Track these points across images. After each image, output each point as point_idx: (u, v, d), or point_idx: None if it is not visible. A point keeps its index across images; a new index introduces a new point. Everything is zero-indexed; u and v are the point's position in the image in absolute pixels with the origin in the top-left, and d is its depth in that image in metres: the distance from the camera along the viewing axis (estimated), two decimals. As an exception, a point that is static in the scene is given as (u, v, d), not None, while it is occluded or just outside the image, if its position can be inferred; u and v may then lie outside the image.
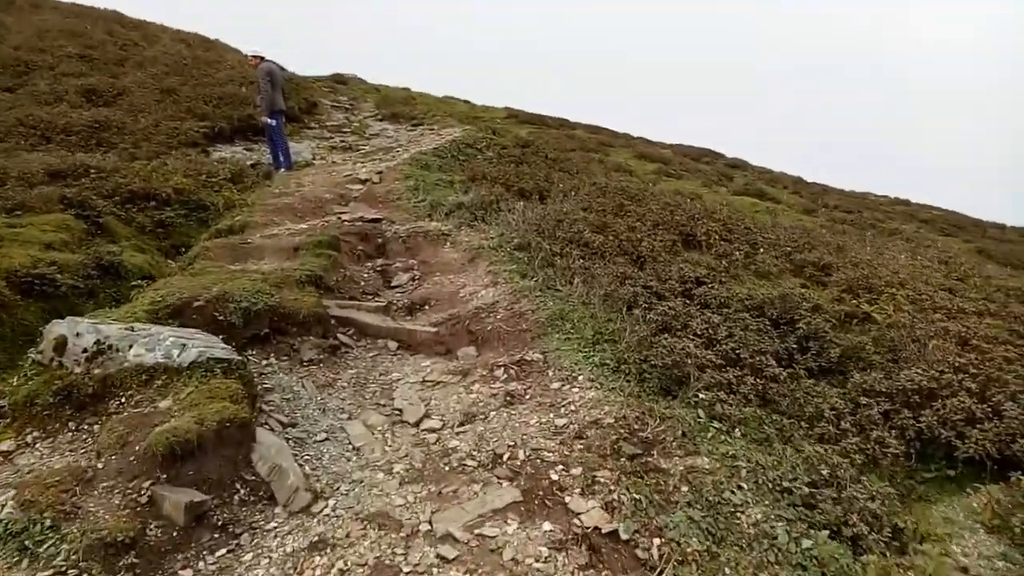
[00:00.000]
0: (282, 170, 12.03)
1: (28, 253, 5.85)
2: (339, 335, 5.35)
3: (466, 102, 30.50)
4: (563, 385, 4.19)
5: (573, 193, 9.71)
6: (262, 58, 12.34)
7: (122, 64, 15.93)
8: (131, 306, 4.81)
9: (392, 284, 6.86)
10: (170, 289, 5.03)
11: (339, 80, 26.58)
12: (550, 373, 4.36)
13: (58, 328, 4.36)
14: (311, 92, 18.68)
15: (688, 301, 5.68)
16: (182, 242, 8.19)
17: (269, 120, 11.75)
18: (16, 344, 5.20)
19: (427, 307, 6.16)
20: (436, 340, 5.39)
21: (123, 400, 4.02)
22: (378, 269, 7.14)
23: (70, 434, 4.07)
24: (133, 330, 4.24)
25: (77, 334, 4.28)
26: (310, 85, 20.52)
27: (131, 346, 4.13)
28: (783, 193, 20.98)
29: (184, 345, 4.08)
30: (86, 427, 4.07)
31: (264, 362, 4.84)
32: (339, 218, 8.17)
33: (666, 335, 4.74)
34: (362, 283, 6.58)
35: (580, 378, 4.22)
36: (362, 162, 12.48)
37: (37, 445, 4.05)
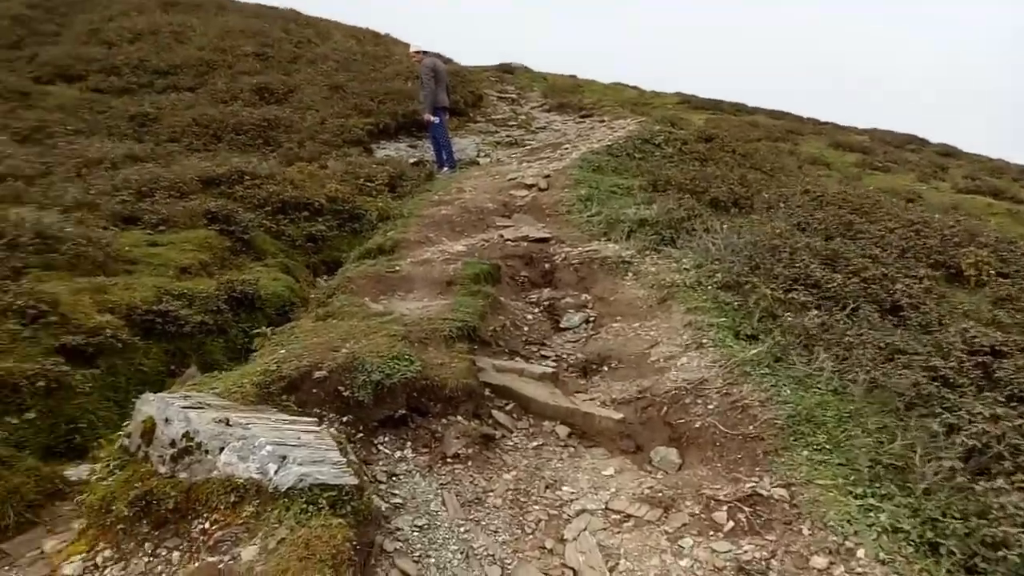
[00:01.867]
0: (445, 170, 11.06)
1: (156, 284, 5.05)
2: (495, 413, 4.05)
3: (635, 88, 28.52)
4: (831, 563, 2.60)
5: (781, 204, 7.84)
6: (425, 52, 11.41)
7: (295, 61, 15.74)
8: (241, 374, 3.77)
9: (561, 326, 5.48)
10: (289, 352, 3.95)
11: (506, 70, 25.59)
12: (805, 531, 2.78)
13: (147, 408, 3.38)
14: (477, 84, 17.72)
15: (991, 389, 3.82)
16: (332, 257, 7.31)
17: (432, 118, 10.79)
18: (129, 396, 4.36)
19: (606, 368, 4.72)
20: (621, 431, 3.94)
21: (206, 525, 2.94)
22: (544, 305, 5.79)
23: (145, 559, 3.05)
24: (228, 424, 3.16)
25: (166, 420, 3.27)
26: (476, 76, 19.60)
27: (222, 449, 3.05)
28: (1018, 187, 17.37)
29: (284, 458, 2.93)
30: (164, 552, 3.03)
31: (397, 454, 3.63)
32: (501, 236, 6.90)
33: (982, 479, 2.97)
34: (525, 327, 5.24)
35: (860, 553, 2.61)
36: (528, 161, 11.21)
37: (107, 570, 3.09)
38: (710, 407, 3.84)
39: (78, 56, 13.72)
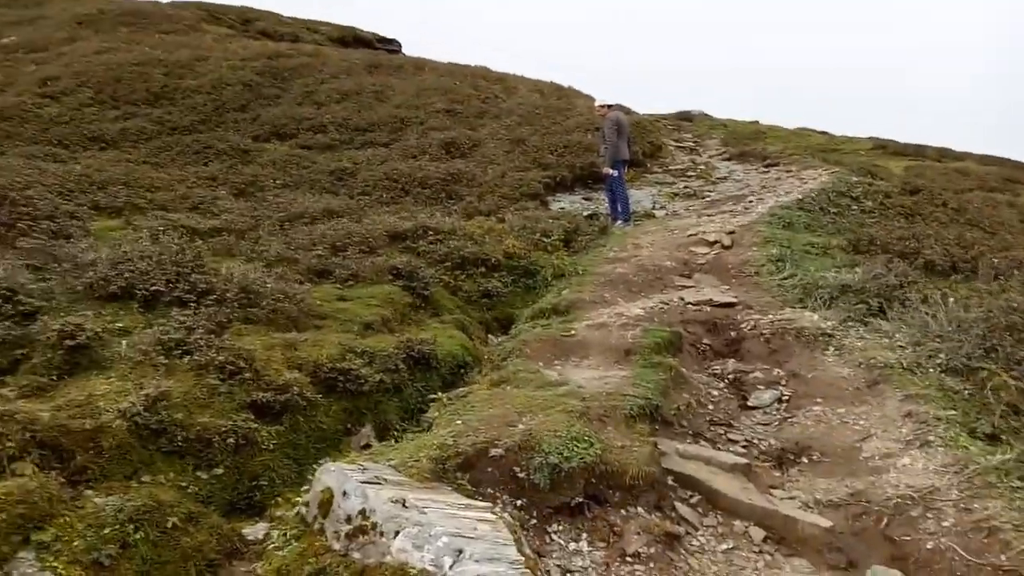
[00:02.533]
0: (619, 223, 10.78)
1: (340, 340, 5.17)
2: (679, 506, 3.63)
3: (823, 133, 26.70)
4: None
5: (1014, 271, 6.75)
6: (610, 106, 11.32)
7: (481, 116, 16.29)
8: (417, 446, 3.66)
9: (750, 404, 4.93)
10: (466, 424, 3.79)
11: (684, 117, 25.04)
12: None
13: (327, 478, 3.34)
14: (656, 134, 17.40)
15: None
16: (506, 314, 7.22)
17: (611, 171, 10.62)
18: (310, 453, 4.43)
19: (806, 461, 4.13)
20: (829, 542, 3.37)
21: (375, 618, 2.80)
22: (730, 378, 5.27)
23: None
24: (404, 506, 3.01)
25: (344, 493, 3.20)
26: (654, 126, 19.29)
27: (397, 533, 2.90)
28: None
29: (460, 552, 2.72)
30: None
31: (572, 546, 3.32)
32: (681, 299, 6.46)
33: None
34: (710, 405, 4.76)
35: None
36: (708, 215, 10.66)
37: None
38: (945, 524, 3.17)
39: (291, 116, 15.08)
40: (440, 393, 4.62)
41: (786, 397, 4.92)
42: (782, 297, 6.41)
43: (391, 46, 29.62)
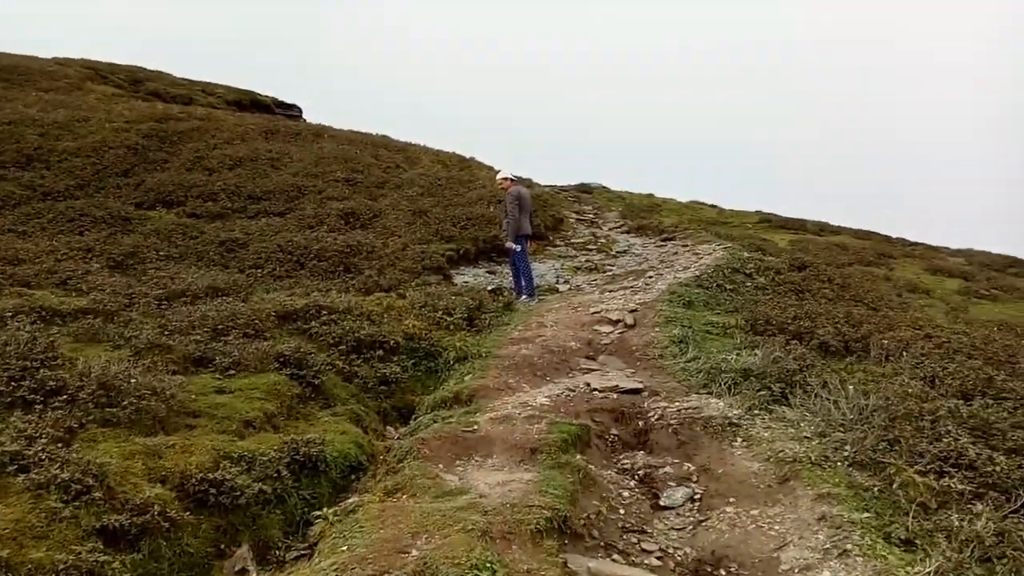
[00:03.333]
0: (524, 298, 10.61)
1: (214, 444, 4.56)
2: (592, 637, 3.25)
3: (712, 206, 28.00)
4: None
5: (903, 353, 6.92)
6: (512, 179, 11.28)
7: (382, 186, 15.98)
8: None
9: (662, 503, 4.66)
10: (352, 553, 3.30)
11: (583, 189, 25.68)
12: None
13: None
14: (557, 207, 17.62)
15: None
16: (405, 402, 6.75)
17: (514, 246, 10.52)
18: (171, 584, 3.79)
19: (723, 572, 3.86)
20: (755, 677, 3.07)
21: None
22: (640, 474, 4.99)
23: None
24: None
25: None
26: (555, 198, 19.58)
27: None
28: None
29: None
30: None
31: None
32: (587, 384, 6.22)
33: None
34: (621, 509, 4.45)
35: None
36: (610, 290, 10.65)
37: None
38: (874, 656, 2.94)
39: (180, 183, 14.25)
40: (325, 508, 4.08)
41: (698, 495, 4.68)
42: (687, 382, 6.27)
43: (291, 111, 29.12)
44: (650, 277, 11.20)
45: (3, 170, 13.32)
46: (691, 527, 4.35)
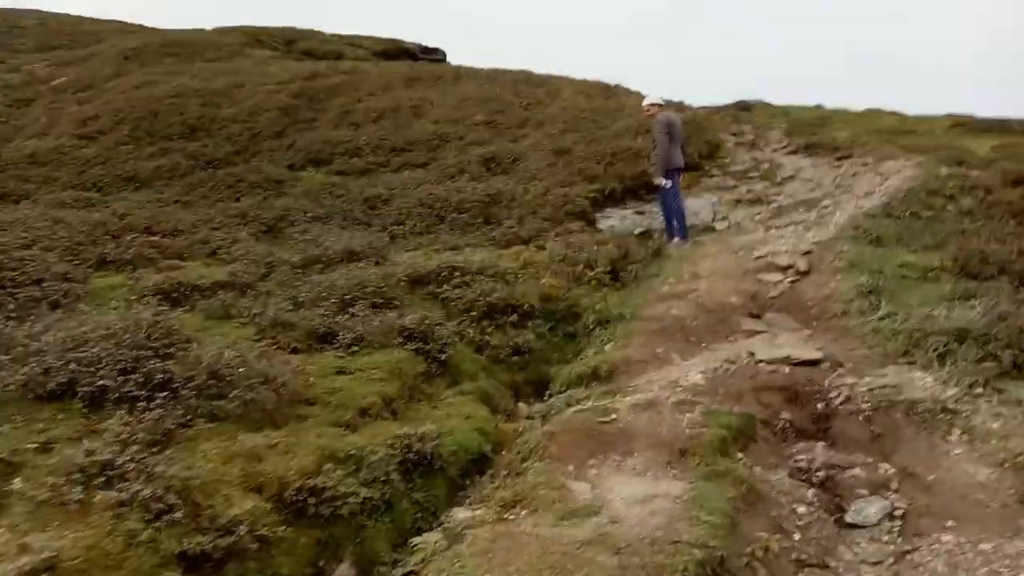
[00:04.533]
0: (676, 240, 9.45)
1: (321, 441, 4.10)
2: None
3: (893, 113, 24.27)
4: None
5: None
6: (660, 105, 9.99)
7: (523, 126, 15.10)
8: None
9: (849, 520, 3.61)
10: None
11: (743, 107, 23.13)
12: None
13: None
14: (712, 131, 15.82)
15: None
16: (540, 374, 6.04)
17: (665, 182, 9.33)
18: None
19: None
20: None
21: None
22: (820, 476, 3.94)
23: None
24: None
25: None
26: (710, 120, 17.64)
27: None
28: None
29: None
30: None
31: None
32: (751, 354, 5.12)
33: None
34: (795, 533, 3.46)
35: None
36: (777, 227, 9.20)
37: None
38: None
39: (327, 140, 14.25)
40: (428, 535, 3.47)
41: (899, 511, 3.57)
42: (880, 348, 5.00)
43: (435, 55, 28.75)
44: (825, 207, 9.57)
45: (170, 142, 13.94)
46: (891, 560, 3.28)
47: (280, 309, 5.96)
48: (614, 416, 4.32)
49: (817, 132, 17.71)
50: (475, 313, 6.40)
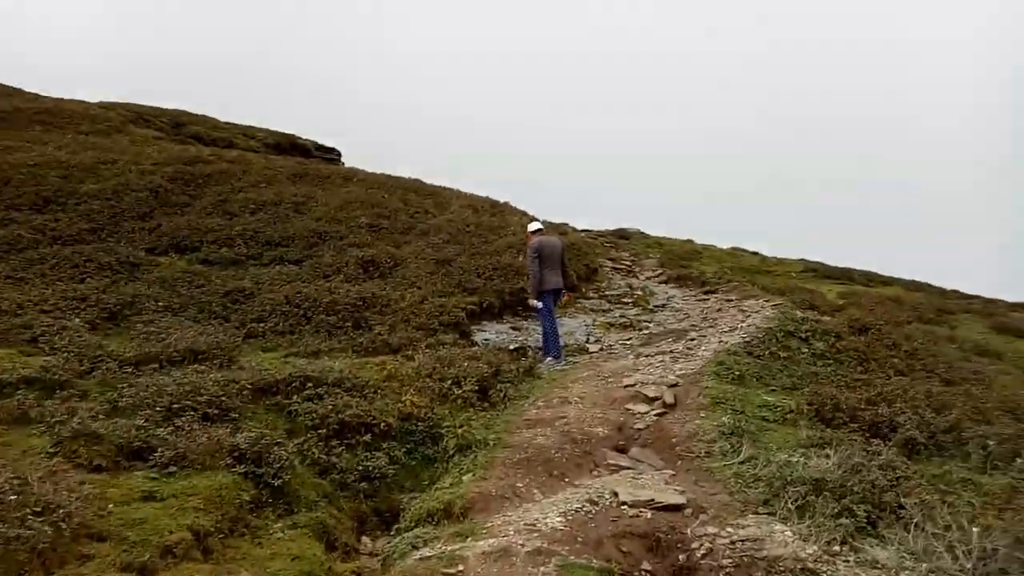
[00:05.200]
0: (549, 359, 9.28)
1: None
2: None
3: (755, 253, 26.20)
4: None
5: (1014, 457, 5.34)
6: (537, 231, 10.13)
7: (407, 232, 14.87)
8: None
9: None
10: None
11: (621, 235, 24.22)
12: None
13: None
14: (592, 256, 16.24)
15: None
16: (389, 505, 5.41)
17: (536, 303, 9.33)
18: None
19: None
20: None
21: None
22: (682, 642, 3.55)
23: None
24: None
25: None
26: (591, 245, 18.21)
27: None
28: None
29: None
30: None
31: None
32: (614, 494, 4.78)
33: None
34: None
35: None
36: (647, 354, 9.21)
37: None
38: None
39: (197, 227, 13.34)
40: None
41: None
42: (742, 494, 4.81)
43: (330, 155, 28.57)
44: (692, 339, 9.74)
45: (17, 212, 12.56)
46: None
47: (90, 416, 5.07)
48: (461, 568, 3.78)
49: (688, 265, 18.66)
50: (324, 431, 5.75)
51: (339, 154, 29.61)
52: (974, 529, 3.88)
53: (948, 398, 7.24)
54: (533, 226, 10.30)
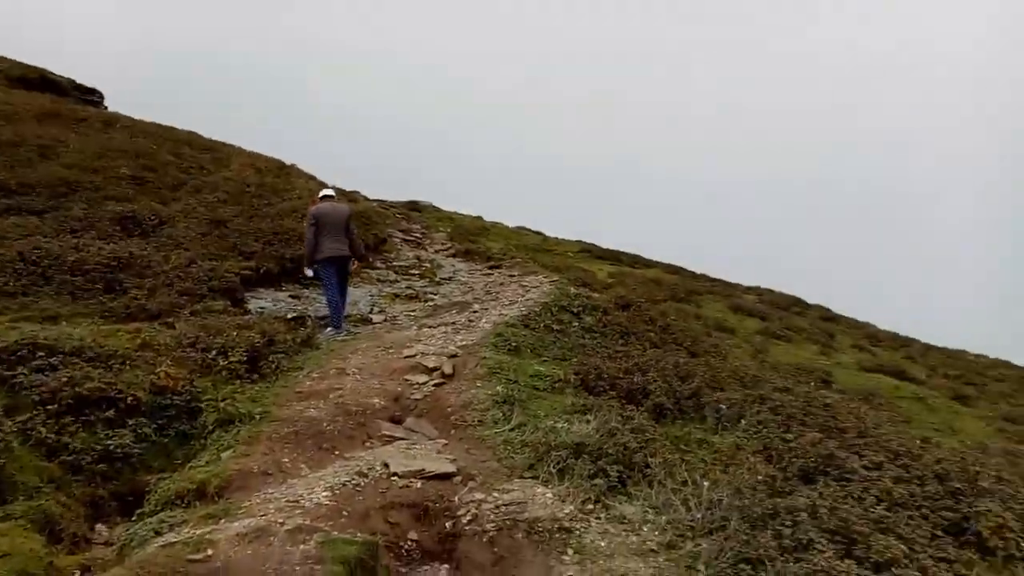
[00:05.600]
0: (329, 331, 8.90)
1: None
2: None
3: (538, 233, 27.59)
4: None
5: (739, 419, 6.09)
6: (326, 197, 9.66)
7: (178, 189, 13.43)
8: None
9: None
10: None
11: (414, 207, 24.09)
12: None
13: None
14: (381, 226, 15.88)
15: None
16: (132, 488, 4.79)
17: (308, 271, 9.00)
18: None
19: None
20: None
21: None
22: (443, 608, 3.55)
23: None
24: None
25: None
26: (383, 215, 17.82)
27: None
28: (910, 365, 16.80)
29: None
30: None
31: None
32: (385, 466, 4.67)
33: None
34: None
35: None
36: (430, 325, 9.19)
37: None
38: None
39: (-98, 165, 10.92)
40: None
41: (516, 646, 3.30)
42: (509, 460, 4.94)
43: (91, 96, 24.91)
44: (475, 311, 9.89)
45: None
46: None
47: None
48: (210, 553, 3.43)
49: (476, 240, 19.06)
50: (56, 407, 4.95)
51: (101, 96, 25.95)
52: (704, 483, 4.33)
53: (692, 368, 8.06)
54: (324, 192, 9.81)
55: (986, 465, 5.78)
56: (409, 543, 4.05)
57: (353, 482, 4.40)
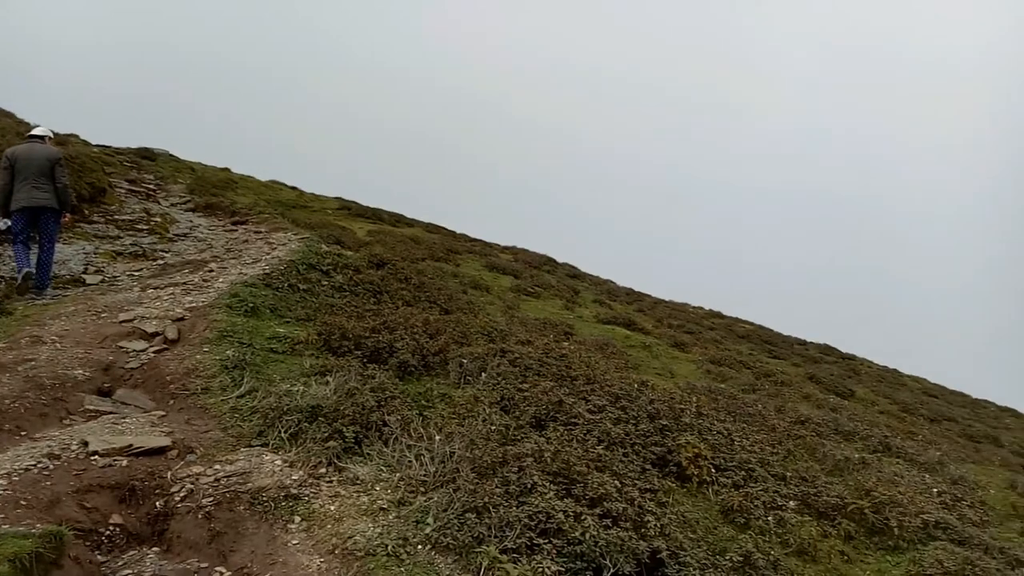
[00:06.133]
0: (31, 293, 7.61)
1: None
2: None
3: (293, 188, 26.12)
4: None
5: (480, 372, 6.32)
6: (31, 137, 8.17)
7: None
8: None
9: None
10: None
11: (146, 155, 21.41)
12: None
13: None
14: (99, 174, 13.84)
15: None
16: None
17: (4, 222, 7.55)
18: None
19: None
20: None
21: None
22: (148, 595, 3.22)
23: None
24: None
25: None
26: (102, 162, 15.56)
27: None
28: (641, 317, 18.93)
29: None
30: None
31: None
32: (84, 445, 4.11)
33: None
34: None
35: None
36: (157, 286, 8.27)
37: None
38: None
39: None
40: None
41: (232, 625, 3.12)
42: (236, 429, 4.62)
43: None
44: (211, 271, 9.08)
45: None
46: None
47: None
48: None
49: (220, 194, 17.51)
50: None
51: None
52: (437, 437, 4.43)
53: (442, 325, 8.23)
54: (32, 132, 8.27)
55: (689, 403, 6.72)
56: (111, 528, 3.61)
57: (40, 466, 3.80)
